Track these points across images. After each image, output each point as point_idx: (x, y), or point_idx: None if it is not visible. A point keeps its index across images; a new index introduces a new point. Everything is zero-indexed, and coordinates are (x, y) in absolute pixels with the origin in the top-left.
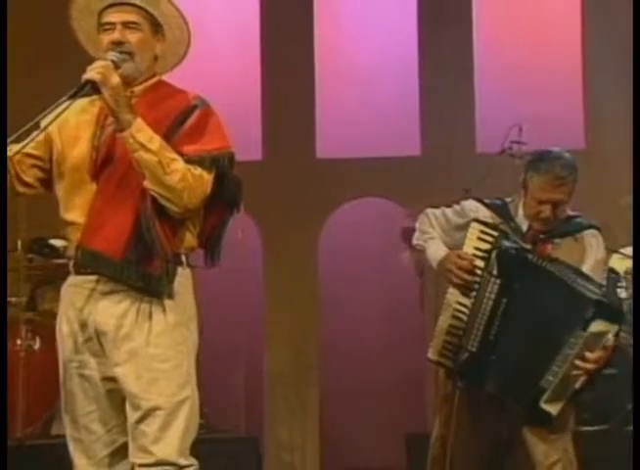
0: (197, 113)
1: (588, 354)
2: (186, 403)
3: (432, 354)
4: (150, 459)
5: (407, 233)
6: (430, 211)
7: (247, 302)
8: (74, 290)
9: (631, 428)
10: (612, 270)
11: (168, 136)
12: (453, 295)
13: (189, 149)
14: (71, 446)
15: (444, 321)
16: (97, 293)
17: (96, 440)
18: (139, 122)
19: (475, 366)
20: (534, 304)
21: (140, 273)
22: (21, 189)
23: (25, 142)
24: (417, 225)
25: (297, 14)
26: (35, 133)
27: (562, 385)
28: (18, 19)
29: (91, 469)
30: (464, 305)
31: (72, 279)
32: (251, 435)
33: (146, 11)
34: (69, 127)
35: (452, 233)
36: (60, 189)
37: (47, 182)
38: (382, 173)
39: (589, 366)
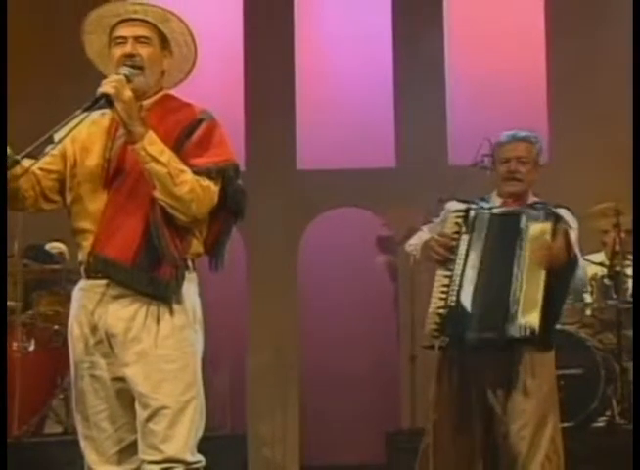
0: (203, 126)
1: (537, 253)
2: (193, 403)
3: (425, 340)
4: (159, 457)
5: (382, 241)
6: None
7: (230, 305)
8: (85, 294)
9: (595, 424)
10: None
11: (176, 148)
12: (438, 281)
13: (196, 161)
14: (83, 444)
15: (434, 304)
16: (107, 296)
17: (106, 437)
18: (150, 135)
19: (455, 318)
20: (492, 243)
21: (150, 279)
22: (46, 206)
23: (44, 155)
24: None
25: (279, 32)
26: (51, 146)
27: (528, 291)
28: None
29: (102, 466)
30: (444, 285)
31: (83, 283)
32: (235, 432)
33: (156, 27)
34: (82, 139)
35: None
36: (71, 199)
37: (64, 194)
38: (358, 184)
39: (540, 253)
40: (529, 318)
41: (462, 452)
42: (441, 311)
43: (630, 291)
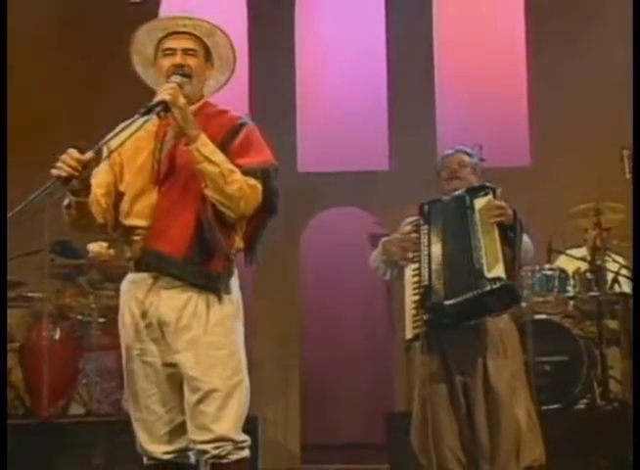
0: (245, 129)
1: (487, 215)
2: (240, 386)
3: (407, 334)
4: (210, 436)
5: (374, 238)
6: None
7: None
8: (135, 286)
9: (579, 406)
10: (561, 270)
11: (221, 150)
12: (407, 280)
13: (241, 161)
14: (135, 425)
15: (408, 300)
16: (157, 287)
17: (157, 419)
18: (203, 137)
19: (432, 295)
20: (447, 225)
21: (201, 272)
22: (102, 220)
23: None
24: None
25: (281, 44)
26: (110, 151)
27: (488, 251)
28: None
29: (152, 445)
30: (415, 281)
31: (132, 276)
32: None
33: (202, 40)
34: (128, 143)
35: None
36: (120, 199)
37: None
38: (355, 186)
39: (494, 218)
40: (495, 271)
41: (452, 418)
42: (417, 304)
43: (609, 284)
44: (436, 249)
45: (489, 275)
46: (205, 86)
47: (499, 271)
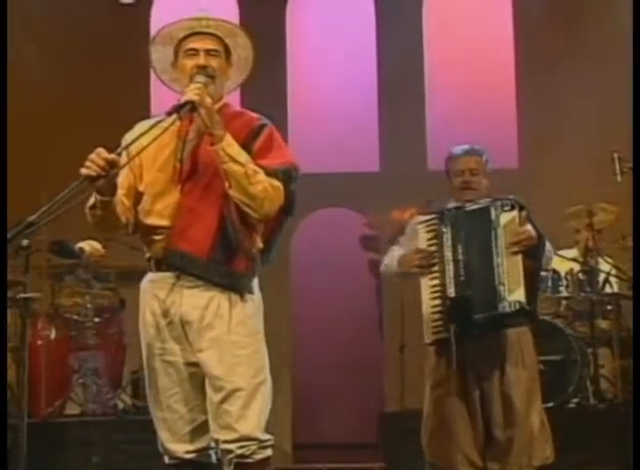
0: (266, 130)
1: (512, 239)
2: (263, 385)
3: (427, 339)
4: (234, 435)
5: (364, 239)
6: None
7: None
8: (156, 285)
9: (571, 405)
10: (554, 271)
11: (243, 150)
12: (424, 285)
13: (263, 162)
14: (156, 424)
15: (426, 305)
16: (178, 286)
17: (179, 418)
18: (228, 138)
19: (459, 307)
20: (471, 236)
21: (224, 272)
22: (126, 221)
23: (131, 160)
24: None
25: (272, 45)
26: (137, 152)
27: (511, 274)
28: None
29: (174, 443)
30: (435, 286)
31: (152, 275)
32: None
33: (223, 40)
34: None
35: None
36: (140, 199)
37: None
38: (345, 187)
39: (517, 239)
40: (515, 295)
41: (467, 421)
42: (438, 309)
43: (601, 284)
44: (461, 259)
45: (510, 298)
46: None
47: (520, 296)
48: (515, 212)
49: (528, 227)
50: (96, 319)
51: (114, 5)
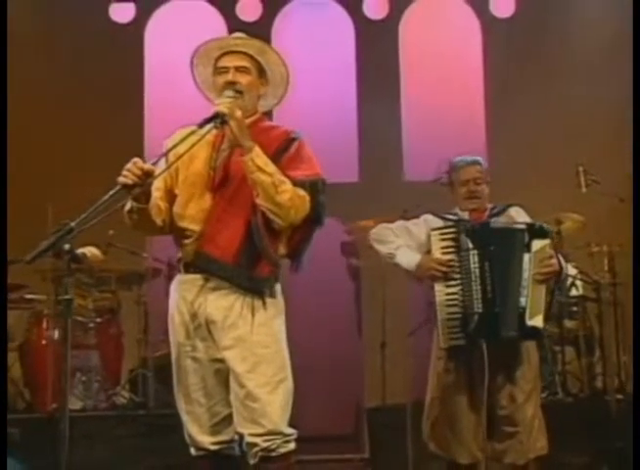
0: (296, 143)
1: (541, 269)
2: (284, 382)
3: (443, 344)
4: (260, 430)
5: (344, 246)
6: (390, 225)
7: None
8: (185, 286)
9: (558, 397)
10: None
11: (273, 161)
12: (440, 291)
13: (292, 173)
14: (185, 418)
15: (442, 312)
16: (205, 288)
17: (204, 411)
18: (257, 149)
19: (487, 322)
20: (500, 255)
21: (248, 276)
22: (161, 223)
23: (164, 170)
24: (380, 238)
25: None
26: (171, 163)
27: (534, 300)
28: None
29: (201, 436)
30: (453, 294)
31: (182, 277)
32: None
33: (254, 58)
34: (182, 151)
35: (413, 242)
36: (174, 203)
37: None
38: (327, 196)
39: (547, 270)
40: (535, 320)
41: (472, 419)
42: (457, 316)
43: (568, 287)
44: (488, 276)
45: (530, 323)
46: (261, 101)
47: (539, 322)
48: (547, 241)
49: (555, 260)
50: (98, 320)
51: (109, 24)
